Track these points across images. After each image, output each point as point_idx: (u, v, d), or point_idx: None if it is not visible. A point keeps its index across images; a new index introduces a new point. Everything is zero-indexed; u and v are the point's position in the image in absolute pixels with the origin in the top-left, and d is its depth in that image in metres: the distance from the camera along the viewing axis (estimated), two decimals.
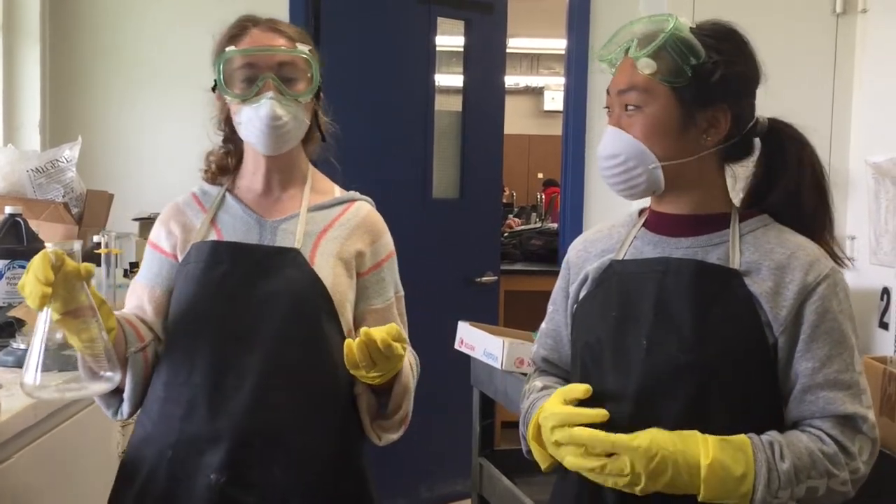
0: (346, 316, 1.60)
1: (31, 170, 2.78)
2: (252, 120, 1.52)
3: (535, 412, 1.35)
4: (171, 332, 1.57)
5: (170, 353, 1.56)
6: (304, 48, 1.55)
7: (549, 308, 1.54)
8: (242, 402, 1.49)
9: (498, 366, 2.47)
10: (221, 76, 1.53)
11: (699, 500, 1.18)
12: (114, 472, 1.94)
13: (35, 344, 1.31)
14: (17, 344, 1.93)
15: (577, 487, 1.34)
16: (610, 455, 1.20)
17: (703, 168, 1.34)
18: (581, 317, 1.43)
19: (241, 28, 1.58)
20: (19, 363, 1.88)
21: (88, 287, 1.36)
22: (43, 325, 1.31)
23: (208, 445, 1.49)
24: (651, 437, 1.18)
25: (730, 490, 1.18)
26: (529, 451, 1.40)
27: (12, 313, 2.11)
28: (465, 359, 2.73)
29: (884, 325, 3.03)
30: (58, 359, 1.33)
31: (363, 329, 1.41)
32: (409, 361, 1.57)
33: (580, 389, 1.29)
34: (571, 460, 1.23)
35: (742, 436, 1.21)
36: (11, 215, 2.37)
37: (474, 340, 2.63)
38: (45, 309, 1.30)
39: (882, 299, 3.05)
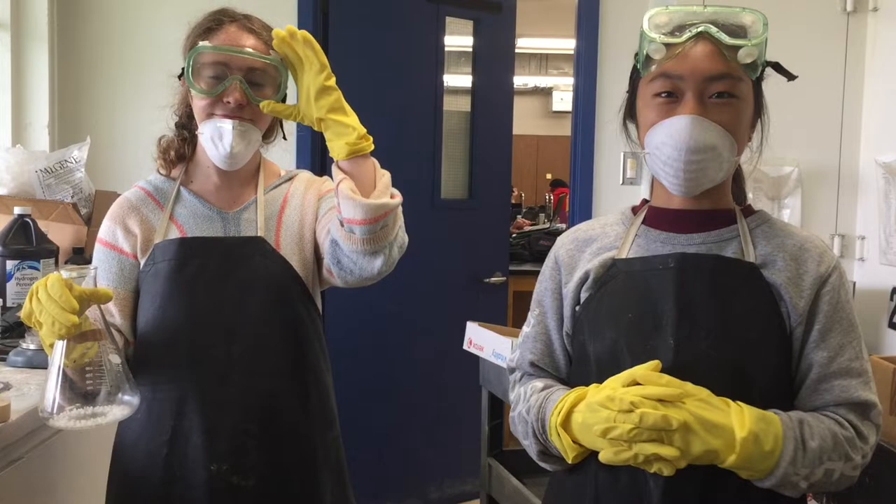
0: (317, 299, 1.67)
1: (40, 170, 2.78)
2: (212, 140, 1.53)
3: (552, 405, 1.29)
4: (147, 332, 1.57)
5: (150, 353, 1.56)
6: (276, 56, 1.52)
7: (535, 311, 1.47)
8: (234, 392, 1.54)
9: (506, 366, 2.47)
10: (190, 68, 1.51)
11: (725, 466, 1.17)
12: None
13: (52, 372, 1.30)
14: (27, 344, 1.93)
15: (593, 486, 1.32)
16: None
17: None
18: (588, 319, 1.37)
19: (216, 22, 1.57)
20: (29, 363, 1.89)
21: (101, 311, 1.36)
22: (60, 353, 1.30)
23: (205, 438, 1.52)
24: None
25: (755, 462, 1.17)
26: (542, 454, 1.36)
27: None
28: (474, 359, 2.73)
29: (893, 326, 3.02)
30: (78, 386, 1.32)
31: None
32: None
33: (651, 366, 1.22)
34: (600, 427, 1.18)
35: (771, 412, 1.20)
36: (20, 216, 2.38)
37: (483, 341, 2.62)
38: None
39: (892, 299, 3.03)
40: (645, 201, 1.45)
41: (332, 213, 1.54)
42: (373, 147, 1.44)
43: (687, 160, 1.26)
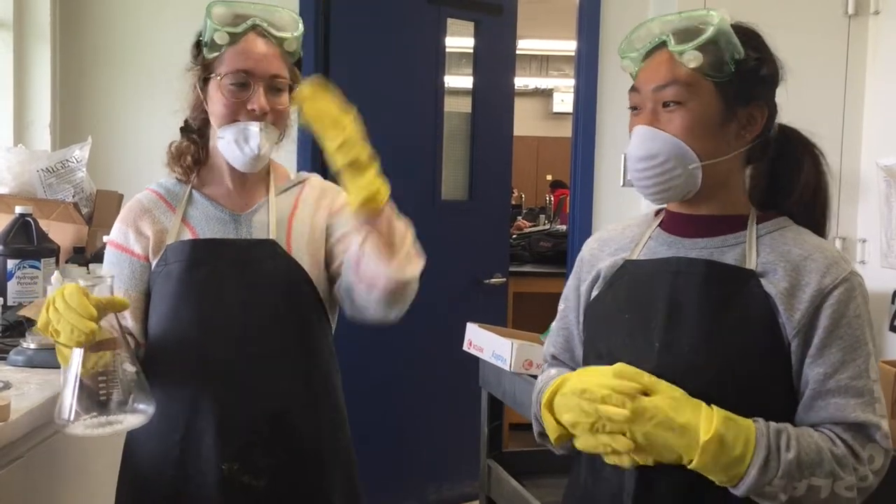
0: (326, 303, 1.67)
1: (41, 170, 2.78)
2: (236, 143, 1.55)
3: (549, 386, 1.31)
4: (159, 332, 1.58)
5: (162, 353, 1.57)
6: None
7: (561, 306, 1.52)
8: (244, 393, 1.55)
9: (506, 367, 2.47)
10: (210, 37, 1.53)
11: (691, 467, 1.17)
12: None
13: (69, 380, 1.32)
14: (27, 343, 1.93)
15: (593, 486, 1.34)
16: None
17: (730, 168, 1.33)
18: (593, 317, 1.41)
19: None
20: (30, 363, 1.89)
21: (117, 319, 1.39)
22: (77, 361, 1.32)
23: (217, 438, 1.54)
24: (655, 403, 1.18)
25: (722, 467, 1.16)
26: (541, 434, 1.38)
27: (22, 312, 2.11)
28: (474, 360, 2.72)
29: (894, 329, 3.02)
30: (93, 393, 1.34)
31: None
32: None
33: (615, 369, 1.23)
34: (570, 417, 1.22)
35: (749, 420, 1.19)
36: (22, 215, 2.38)
37: (483, 342, 2.62)
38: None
39: (893, 303, 3.03)
40: None
41: (349, 238, 1.58)
42: (383, 202, 1.44)
43: (634, 169, 1.31)
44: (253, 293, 1.56)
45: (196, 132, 1.67)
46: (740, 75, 1.28)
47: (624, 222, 1.50)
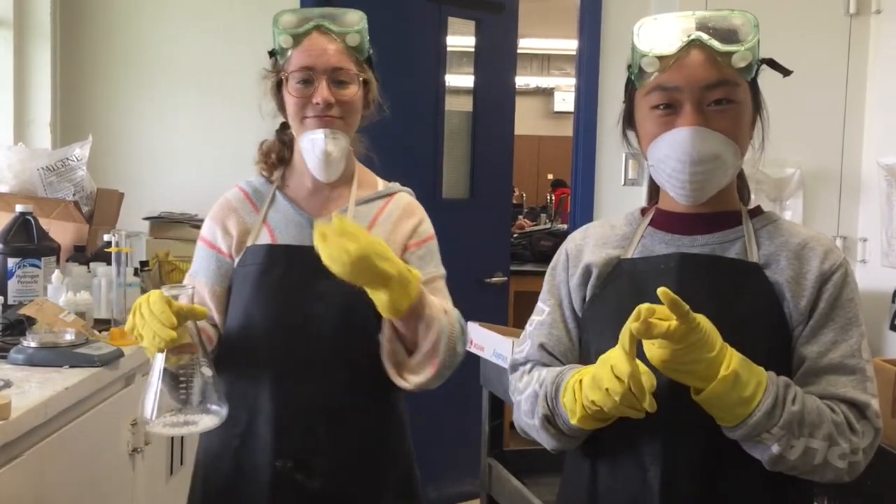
0: None
1: (42, 168, 2.79)
2: (309, 151, 1.62)
3: (575, 370, 1.28)
4: (232, 329, 1.64)
5: (231, 350, 1.63)
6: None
7: (549, 300, 1.46)
8: (306, 395, 1.60)
9: (507, 366, 2.47)
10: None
11: (697, 396, 1.16)
12: (123, 468, 1.93)
13: (152, 382, 1.39)
14: (28, 342, 1.93)
15: (590, 478, 1.35)
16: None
17: None
18: (592, 319, 1.39)
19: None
20: (30, 361, 1.89)
21: (196, 326, 1.45)
22: (160, 364, 1.39)
23: (274, 436, 1.59)
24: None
25: (731, 404, 1.15)
26: (546, 419, 1.32)
27: (23, 311, 2.11)
28: (475, 359, 2.72)
29: (895, 328, 3.02)
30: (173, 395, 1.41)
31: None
32: (446, 309, 1.64)
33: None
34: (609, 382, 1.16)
35: (761, 367, 1.18)
36: (22, 213, 2.38)
37: (484, 341, 2.62)
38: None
39: (894, 301, 3.03)
40: (654, 203, 1.45)
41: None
42: (404, 308, 1.48)
43: (692, 171, 1.26)
44: (321, 300, 1.60)
45: (284, 132, 1.73)
46: (756, 75, 1.31)
47: (609, 220, 1.48)
